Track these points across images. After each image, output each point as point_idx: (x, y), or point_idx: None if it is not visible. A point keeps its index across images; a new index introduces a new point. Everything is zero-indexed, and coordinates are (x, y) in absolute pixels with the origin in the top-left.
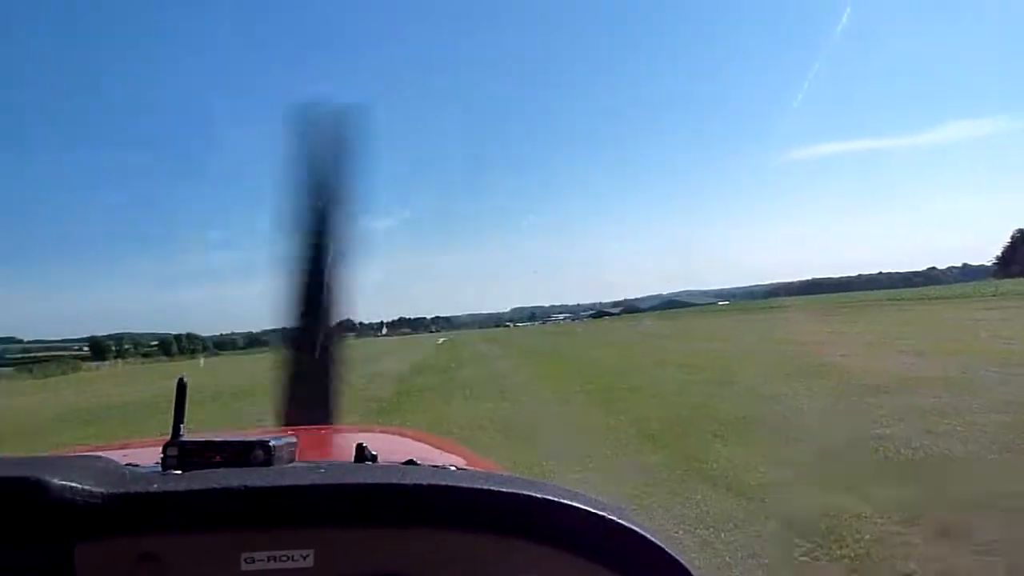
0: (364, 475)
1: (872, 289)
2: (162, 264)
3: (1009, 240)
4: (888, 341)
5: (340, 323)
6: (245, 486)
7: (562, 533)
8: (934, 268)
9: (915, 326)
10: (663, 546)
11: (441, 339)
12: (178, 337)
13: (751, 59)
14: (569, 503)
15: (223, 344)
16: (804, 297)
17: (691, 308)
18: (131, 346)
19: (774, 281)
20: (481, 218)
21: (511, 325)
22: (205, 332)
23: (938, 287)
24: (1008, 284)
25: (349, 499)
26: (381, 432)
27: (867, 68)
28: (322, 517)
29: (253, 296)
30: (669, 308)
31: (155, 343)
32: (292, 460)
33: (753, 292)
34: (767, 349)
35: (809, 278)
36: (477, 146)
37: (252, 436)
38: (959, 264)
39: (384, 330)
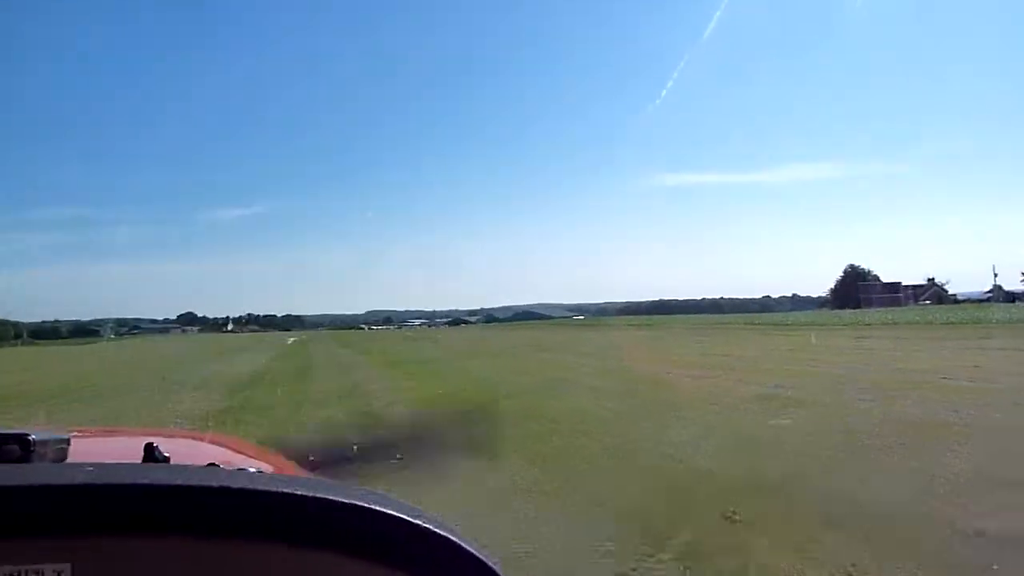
0: (138, 475)
1: (714, 312)
2: None
3: (841, 275)
4: (812, 370)
5: None
6: None
7: (369, 542)
8: (768, 297)
9: (809, 352)
10: (479, 555)
11: (291, 339)
12: None
13: (614, 85)
14: (379, 509)
15: (42, 332)
16: (658, 316)
17: (548, 320)
18: None
19: (623, 300)
20: (337, 218)
21: (366, 328)
22: (24, 318)
23: (794, 313)
24: (850, 314)
25: (114, 503)
26: (183, 436)
27: (719, 105)
28: (82, 525)
29: (80, 282)
30: (525, 319)
31: None
32: (63, 459)
33: (605, 309)
34: (676, 369)
35: (656, 299)
36: (335, 143)
37: (10, 430)
38: (789, 294)
39: (230, 326)
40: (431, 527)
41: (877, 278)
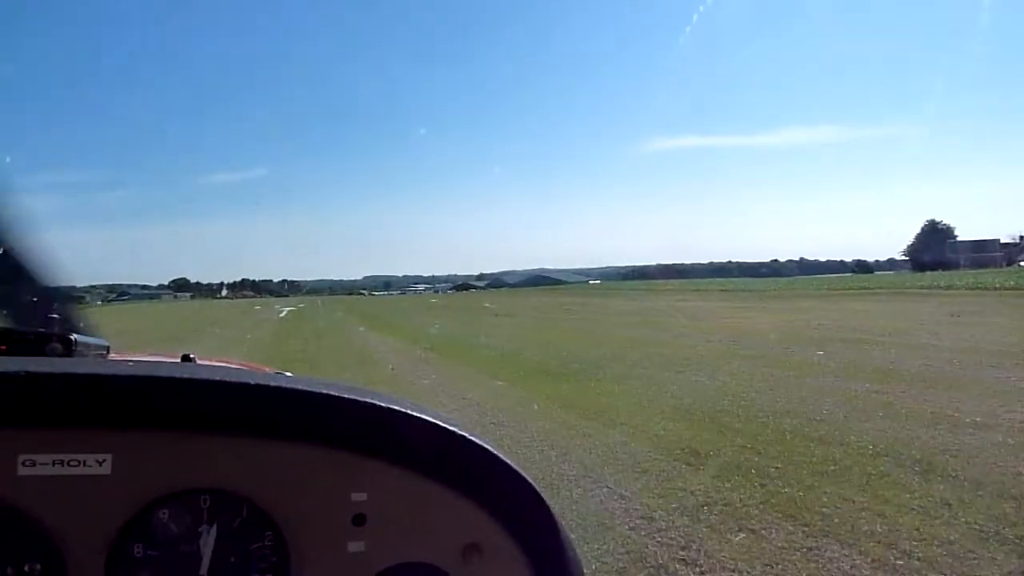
0: (182, 371)
1: (721, 276)
2: None
3: (919, 233)
4: None
5: None
6: (26, 371)
7: (402, 447)
8: (776, 260)
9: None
10: (508, 462)
11: (285, 310)
12: None
13: (617, 48)
14: (414, 415)
15: None
16: (675, 281)
17: (564, 285)
18: None
19: (627, 264)
20: (334, 182)
21: (366, 293)
22: None
23: (880, 275)
24: (943, 277)
25: (162, 396)
26: (214, 359)
27: (719, 69)
28: (124, 417)
29: (72, 247)
30: (536, 284)
31: None
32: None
33: (607, 273)
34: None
35: (660, 263)
36: (333, 107)
37: (52, 331)
38: (796, 258)
39: (224, 291)
40: (473, 439)
41: (956, 236)
